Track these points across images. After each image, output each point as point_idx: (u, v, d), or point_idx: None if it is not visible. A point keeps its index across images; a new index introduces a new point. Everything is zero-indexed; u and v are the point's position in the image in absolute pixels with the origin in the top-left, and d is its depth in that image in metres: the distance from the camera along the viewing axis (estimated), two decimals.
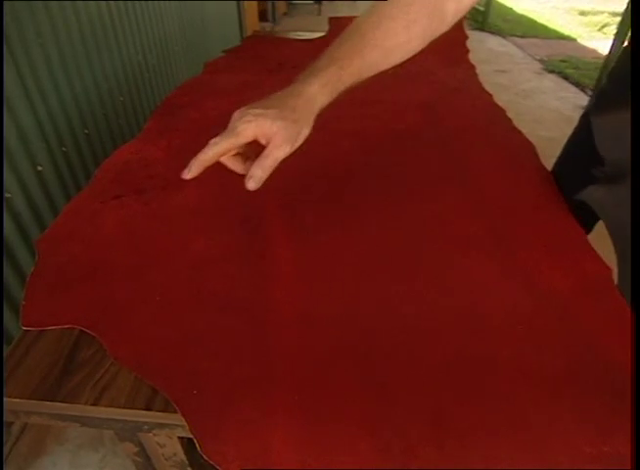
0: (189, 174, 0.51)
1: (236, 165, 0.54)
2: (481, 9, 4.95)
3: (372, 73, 0.60)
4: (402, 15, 0.57)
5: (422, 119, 1.05)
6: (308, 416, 0.44)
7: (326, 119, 1.10)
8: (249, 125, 0.49)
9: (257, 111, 0.50)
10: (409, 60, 0.67)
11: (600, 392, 0.46)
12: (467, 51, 1.51)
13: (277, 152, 0.50)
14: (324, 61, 0.55)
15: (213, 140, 0.50)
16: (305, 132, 0.52)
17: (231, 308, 0.56)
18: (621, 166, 0.67)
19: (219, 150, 0.50)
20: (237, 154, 0.54)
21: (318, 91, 0.52)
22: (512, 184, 0.80)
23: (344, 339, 0.53)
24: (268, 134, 0.49)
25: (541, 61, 3.90)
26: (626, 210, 0.65)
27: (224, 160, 0.53)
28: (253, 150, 0.52)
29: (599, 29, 5.05)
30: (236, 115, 0.51)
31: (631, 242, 0.62)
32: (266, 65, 1.44)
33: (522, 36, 4.62)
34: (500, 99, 1.17)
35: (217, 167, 0.73)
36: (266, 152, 0.50)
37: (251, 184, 0.50)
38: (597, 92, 0.83)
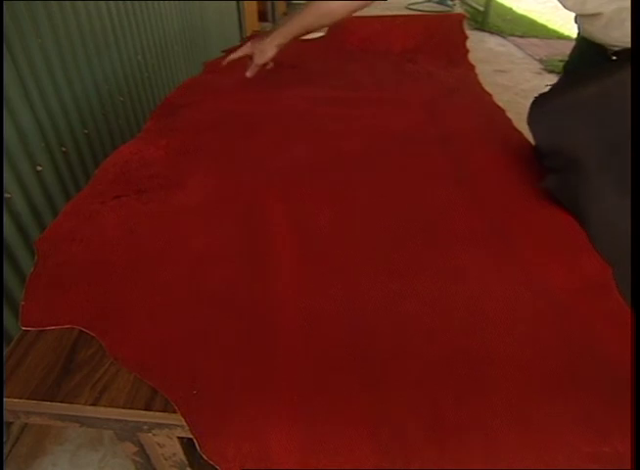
0: (224, 63, 1.16)
1: (248, 64, 1.13)
2: (481, 9, 4.94)
3: (312, 30, 1.05)
4: None
5: (422, 119, 1.05)
6: (308, 416, 0.44)
7: (327, 119, 1.10)
8: (243, 48, 1.12)
9: (255, 40, 1.10)
10: (410, 60, 0.71)
11: (599, 391, 0.46)
12: (467, 51, 1.51)
13: (253, 64, 1.11)
14: (283, 20, 1.07)
15: (234, 52, 1.13)
16: (269, 55, 1.08)
17: (231, 308, 0.56)
18: (562, 158, 0.73)
19: (237, 55, 1.12)
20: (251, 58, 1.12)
21: (276, 36, 1.05)
22: (512, 184, 0.80)
23: (345, 339, 0.52)
24: (252, 53, 1.10)
25: (541, 60, 3.89)
26: (581, 196, 0.70)
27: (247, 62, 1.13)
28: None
29: None
30: (250, 41, 1.12)
31: (631, 241, 0.62)
32: (265, 64, 1.44)
33: (521, 36, 4.61)
34: (500, 99, 1.17)
35: (217, 168, 0.73)
36: (252, 62, 1.11)
37: (247, 73, 1.12)
38: (553, 84, 0.89)
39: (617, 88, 0.67)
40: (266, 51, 1.07)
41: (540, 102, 0.80)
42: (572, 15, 0.80)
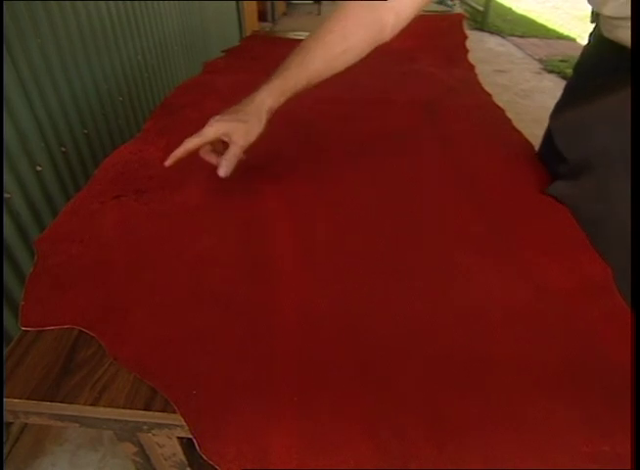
0: (167, 163, 0.69)
1: (211, 159, 0.71)
2: (481, 9, 4.95)
3: (319, 80, 0.72)
4: (339, 28, 0.69)
5: (422, 119, 1.05)
6: (308, 417, 0.44)
7: (328, 119, 1.10)
8: (210, 128, 0.66)
9: (219, 117, 0.67)
10: (409, 60, 0.70)
11: (599, 391, 0.46)
12: (466, 51, 1.51)
13: (234, 147, 0.67)
14: (275, 74, 0.70)
15: (187, 139, 0.67)
16: (256, 129, 0.68)
17: (231, 308, 0.56)
18: (582, 163, 0.71)
19: (189, 146, 0.67)
20: (213, 150, 0.71)
21: (265, 97, 0.68)
22: (512, 183, 0.80)
23: (345, 339, 0.52)
24: (227, 134, 0.67)
25: (540, 61, 3.90)
26: (594, 203, 0.69)
27: (203, 154, 0.71)
28: (225, 147, 0.69)
29: None
30: (209, 121, 0.67)
31: (631, 241, 0.62)
32: (265, 65, 1.43)
33: (521, 36, 4.61)
34: (500, 99, 1.17)
35: (215, 168, 0.73)
36: (229, 148, 0.67)
37: (221, 172, 0.68)
38: (565, 87, 0.87)
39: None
40: (248, 128, 0.68)
41: (561, 110, 0.78)
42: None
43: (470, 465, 0.41)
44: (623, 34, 0.72)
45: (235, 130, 0.66)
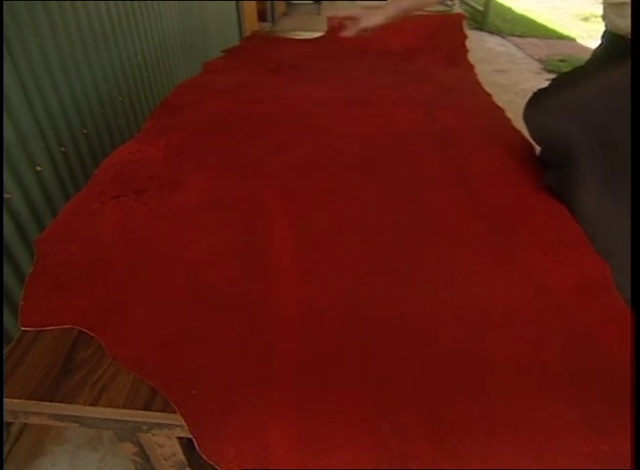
0: (345, 35, 1.11)
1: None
2: (481, 9, 4.95)
3: (424, 5, 1.08)
4: None
5: (422, 119, 1.05)
6: (308, 416, 0.44)
7: (327, 119, 1.10)
8: (352, 10, 1.10)
9: (361, 6, 1.09)
10: (409, 60, 0.73)
11: (599, 391, 0.46)
12: (466, 51, 1.51)
13: (357, 26, 1.06)
14: None
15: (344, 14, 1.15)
16: (375, 21, 1.04)
17: (231, 308, 0.56)
18: (557, 155, 0.76)
19: (345, 14, 1.13)
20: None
21: (391, 6, 1.03)
22: (511, 183, 0.80)
23: (344, 338, 0.52)
24: (358, 16, 1.07)
25: (540, 60, 3.90)
26: (576, 190, 0.72)
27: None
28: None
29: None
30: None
31: (631, 238, 0.62)
32: (265, 64, 1.44)
33: (521, 36, 4.62)
34: (500, 99, 1.17)
35: (216, 168, 0.73)
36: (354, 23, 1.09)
37: (344, 33, 1.10)
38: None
39: (606, 87, 0.69)
40: (374, 17, 1.04)
41: (535, 100, 0.81)
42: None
43: (469, 465, 0.41)
44: (618, 21, 0.75)
45: (361, 16, 1.06)
